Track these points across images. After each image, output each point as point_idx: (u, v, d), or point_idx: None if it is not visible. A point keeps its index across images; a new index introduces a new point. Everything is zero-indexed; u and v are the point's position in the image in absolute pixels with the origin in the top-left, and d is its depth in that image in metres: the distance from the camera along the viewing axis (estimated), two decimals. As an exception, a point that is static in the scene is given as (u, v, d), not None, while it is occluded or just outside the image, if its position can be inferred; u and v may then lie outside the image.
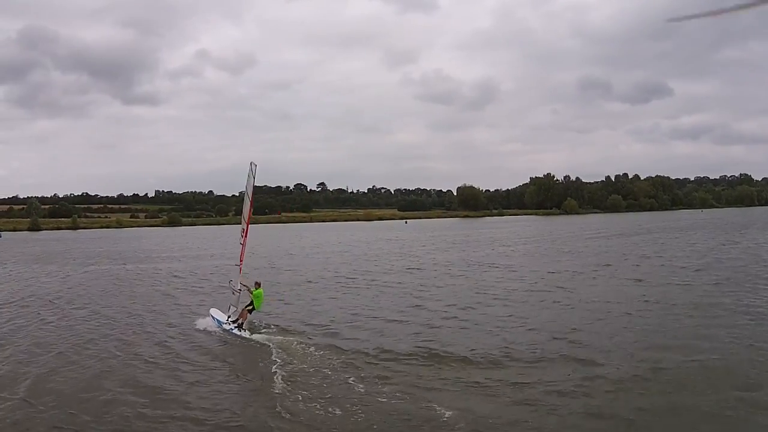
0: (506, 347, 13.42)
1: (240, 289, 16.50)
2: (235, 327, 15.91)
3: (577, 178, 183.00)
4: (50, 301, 22.64)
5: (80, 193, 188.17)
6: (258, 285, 16.51)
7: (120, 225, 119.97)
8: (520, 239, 57.68)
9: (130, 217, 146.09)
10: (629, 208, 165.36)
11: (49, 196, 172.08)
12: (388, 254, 42.93)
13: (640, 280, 23.84)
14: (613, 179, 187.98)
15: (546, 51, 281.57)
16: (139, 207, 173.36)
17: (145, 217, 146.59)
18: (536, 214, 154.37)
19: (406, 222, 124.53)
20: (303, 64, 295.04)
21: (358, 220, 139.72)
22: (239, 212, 20.70)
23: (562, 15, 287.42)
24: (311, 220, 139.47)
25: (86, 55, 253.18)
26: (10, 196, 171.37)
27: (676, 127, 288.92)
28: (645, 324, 15.52)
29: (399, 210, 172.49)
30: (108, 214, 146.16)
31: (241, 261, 17.18)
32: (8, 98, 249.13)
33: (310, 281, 27.62)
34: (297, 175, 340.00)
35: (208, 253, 49.44)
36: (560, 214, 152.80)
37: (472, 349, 13.34)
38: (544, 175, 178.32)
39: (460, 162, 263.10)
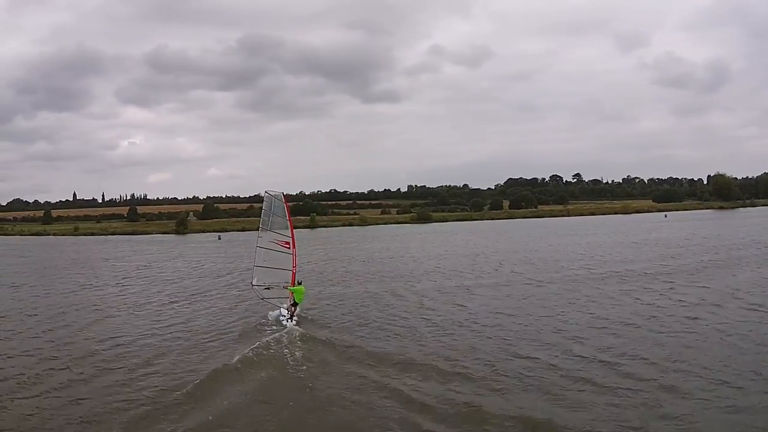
0: None
1: (280, 286, 20.89)
2: (287, 318, 19.80)
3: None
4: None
5: (328, 190, 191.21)
6: (299, 283, 20.83)
7: (364, 222, 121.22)
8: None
9: (381, 213, 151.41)
10: None
11: (294, 193, 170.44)
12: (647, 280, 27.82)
13: None
14: None
15: (765, 26, 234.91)
16: (390, 203, 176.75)
17: (396, 213, 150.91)
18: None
19: (665, 215, 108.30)
20: (539, 54, 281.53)
21: (615, 213, 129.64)
22: (495, 206, 32.54)
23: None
24: (568, 214, 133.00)
25: (317, 58, 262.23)
26: (252, 195, 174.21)
27: None
28: None
29: (654, 201, 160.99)
30: (357, 211, 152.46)
31: (293, 267, 21.16)
32: (240, 103, 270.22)
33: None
34: (549, 167, 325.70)
35: (399, 272, 35.63)
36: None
37: None
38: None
39: (702, 148, 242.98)
